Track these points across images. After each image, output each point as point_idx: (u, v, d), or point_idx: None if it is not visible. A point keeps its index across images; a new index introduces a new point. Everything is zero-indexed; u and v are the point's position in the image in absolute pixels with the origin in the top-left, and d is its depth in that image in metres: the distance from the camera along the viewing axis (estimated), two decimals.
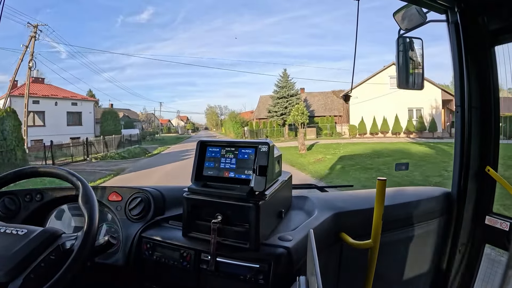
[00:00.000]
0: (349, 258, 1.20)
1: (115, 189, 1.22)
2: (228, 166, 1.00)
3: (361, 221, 1.19)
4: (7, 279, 0.73)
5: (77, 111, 20.97)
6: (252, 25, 45.18)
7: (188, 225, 1.01)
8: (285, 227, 1.06)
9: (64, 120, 19.91)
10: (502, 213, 1.33)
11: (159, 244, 1.05)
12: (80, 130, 19.96)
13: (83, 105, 21.42)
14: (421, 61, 1.27)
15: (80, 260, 0.80)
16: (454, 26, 1.29)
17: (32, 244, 0.80)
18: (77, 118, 20.98)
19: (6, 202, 1.18)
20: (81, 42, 34.26)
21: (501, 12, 1.17)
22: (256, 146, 0.97)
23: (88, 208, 0.88)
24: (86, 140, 15.89)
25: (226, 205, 0.94)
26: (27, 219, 1.19)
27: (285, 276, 0.89)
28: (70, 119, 20.48)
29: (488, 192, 1.35)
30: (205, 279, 0.98)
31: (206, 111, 49.93)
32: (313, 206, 1.23)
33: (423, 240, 1.39)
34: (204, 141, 1.05)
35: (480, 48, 1.27)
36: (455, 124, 1.37)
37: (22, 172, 1.01)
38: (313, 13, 42.91)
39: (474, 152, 1.33)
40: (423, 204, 1.37)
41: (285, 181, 1.12)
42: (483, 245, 1.38)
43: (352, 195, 1.55)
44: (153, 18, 40.93)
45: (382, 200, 1.06)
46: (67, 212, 1.27)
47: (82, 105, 21.36)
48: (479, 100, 1.30)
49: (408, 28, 1.29)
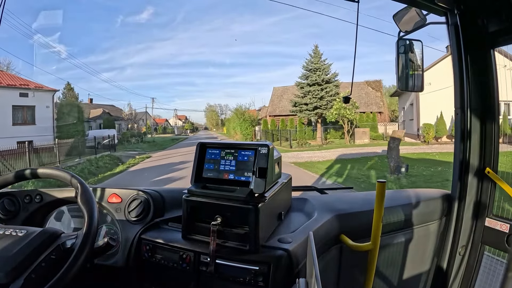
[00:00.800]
0: (349, 260, 1.20)
1: (114, 191, 1.22)
2: (228, 168, 1.00)
3: (361, 223, 1.19)
4: (7, 280, 0.73)
5: (28, 105, 14.55)
6: (252, 25, 45.15)
7: (187, 227, 1.01)
8: (284, 229, 1.06)
9: (9, 118, 13.79)
10: (502, 215, 1.33)
11: (158, 246, 1.05)
12: (32, 131, 13.87)
13: (37, 97, 14.72)
14: (421, 64, 1.27)
15: (81, 258, 0.80)
16: (454, 28, 1.29)
17: (32, 244, 0.80)
18: (28, 115, 14.64)
19: (6, 203, 1.19)
20: (81, 42, 33.73)
21: (501, 14, 1.17)
22: (256, 148, 0.97)
23: (88, 207, 0.89)
24: (29, 146, 11.59)
25: (226, 207, 0.94)
26: (26, 220, 1.19)
27: (284, 278, 0.89)
28: (17, 116, 14.28)
29: (488, 194, 1.35)
30: (205, 281, 0.97)
31: (206, 110, 46.28)
32: (313, 208, 1.23)
33: (423, 242, 1.39)
34: (203, 143, 1.06)
35: (480, 50, 1.27)
36: (455, 126, 1.37)
37: (22, 173, 1.01)
38: (313, 13, 42.98)
39: (474, 154, 1.33)
40: (423, 206, 1.37)
41: (284, 183, 1.12)
42: (483, 247, 1.38)
43: (352, 197, 1.55)
44: (152, 18, 40.96)
45: (382, 202, 1.06)
46: (66, 213, 1.27)
47: (36, 97, 14.68)
48: (479, 102, 1.30)
49: (408, 30, 1.29)
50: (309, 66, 17.84)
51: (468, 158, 1.33)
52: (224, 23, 47.07)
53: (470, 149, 1.32)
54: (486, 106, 1.30)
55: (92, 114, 23.95)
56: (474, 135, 1.32)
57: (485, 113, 1.30)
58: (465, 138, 1.33)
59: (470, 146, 1.32)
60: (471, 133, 1.31)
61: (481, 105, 1.30)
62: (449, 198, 1.42)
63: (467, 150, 1.33)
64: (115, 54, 43.08)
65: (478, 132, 1.32)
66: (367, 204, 1.25)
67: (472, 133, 1.31)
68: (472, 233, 1.40)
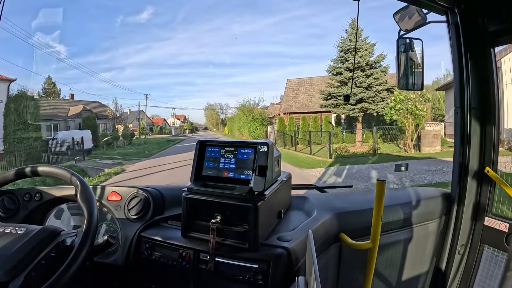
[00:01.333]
0: (348, 258, 1.20)
1: (114, 189, 1.22)
2: (228, 166, 1.00)
3: (360, 221, 1.19)
4: (7, 278, 0.73)
5: None
6: (252, 25, 45.08)
7: (187, 225, 1.01)
8: (284, 227, 1.06)
9: None
10: (501, 214, 1.33)
11: (158, 244, 1.05)
12: None
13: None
14: (421, 62, 1.27)
15: (81, 256, 0.80)
16: (454, 27, 1.29)
17: (31, 242, 0.80)
18: None
19: (5, 201, 1.18)
20: (81, 42, 33.47)
21: (501, 13, 1.17)
22: (256, 146, 0.97)
23: (87, 205, 0.89)
24: None
25: (225, 205, 0.94)
26: (26, 219, 1.19)
27: (284, 276, 0.89)
28: None
29: (487, 193, 1.35)
30: (204, 279, 0.98)
31: (206, 109, 43.70)
32: (313, 206, 1.23)
33: (422, 241, 1.39)
34: (203, 141, 1.06)
35: (480, 49, 1.27)
36: (455, 125, 1.38)
37: (22, 171, 1.01)
38: (313, 13, 42.85)
39: (474, 153, 1.33)
40: (422, 205, 1.37)
41: (284, 181, 1.12)
42: (482, 246, 1.38)
43: (352, 196, 1.55)
44: (152, 18, 40.87)
45: (382, 201, 1.06)
46: (66, 211, 1.27)
47: None
48: (479, 101, 1.30)
49: (408, 29, 1.29)
50: (345, 46, 13.18)
51: (468, 157, 1.33)
52: (224, 23, 47.04)
53: (470, 148, 1.32)
54: (486, 105, 1.30)
55: (71, 111, 19.55)
56: (474, 134, 1.32)
57: (485, 112, 1.30)
58: (465, 137, 1.33)
59: (470, 145, 1.32)
60: (471, 132, 1.31)
61: (481, 104, 1.30)
62: (448, 197, 1.42)
63: (467, 149, 1.33)
64: (114, 54, 43.01)
65: (478, 131, 1.32)
66: (366, 203, 1.25)
67: (472, 132, 1.31)
68: (471, 232, 1.40)
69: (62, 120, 18.06)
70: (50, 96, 20.92)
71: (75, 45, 35.12)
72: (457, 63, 1.31)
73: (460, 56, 1.30)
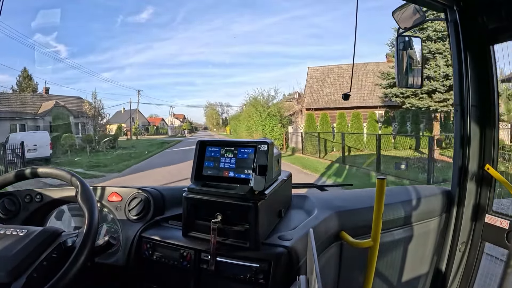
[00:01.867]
0: (349, 257, 1.20)
1: (115, 190, 1.22)
2: (228, 166, 1.00)
3: (361, 220, 1.19)
4: (9, 280, 0.73)
5: None
6: (252, 25, 45.04)
7: (188, 225, 1.01)
8: (285, 226, 1.06)
9: None
10: (502, 212, 1.33)
11: (159, 244, 1.05)
12: None
13: None
14: (420, 60, 1.27)
15: (82, 256, 0.80)
16: (453, 25, 1.29)
17: (33, 243, 0.80)
18: None
19: (6, 203, 1.18)
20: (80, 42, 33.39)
21: (500, 11, 1.17)
22: (256, 146, 0.97)
23: (88, 206, 0.89)
24: None
25: (226, 204, 0.94)
26: (27, 220, 1.19)
27: (285, 275, 0.89)
28: None
29: (488, 190, 1.35)
30: (205, 279, 0.98)
31: (206, 107, 40.64)
32: (313, 205, 1.23)
33: (423, 239, 1.39)
34: (203, 140, 1.06)
35: (479, 46, 1.27)
36: (455, 122, 1.38)
37: (22, 173, 1.01)
38: (313, 13, 42.85)
39: (474, 150, 1.33)
40: (423, 202, 1.37)
41: (284, 180, 1.12)
42: (483, 243, 1.38)
43: (352, 194, 1.55)
44: (152, 18, 40.84)
45: (382, 199, 1.06)
46: (67, 213, 1.27)
47: None
48: (479, 98, 1.30)
49: (407, 27, 1.29)
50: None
51: (468, 154, 1.33)
52: (224, 23, 46.94)
53: (470, 145, 1.32)
54: (485, 103, 1.30)
55: (42, 108, 16.14)
56: (474, 131, 1.32)
57: (485, 109, 1.30)
58: (465, 135, 1.33)
59: (470, 142, 1.32)
60: (471, 130, 1.31)
61: (481, 101, 1.30)
62: (449, 194, 1.42)
63: (467, 146, 1.33)
64: (114, 54, 42.90)
65: (477, 128, 1.32)
66: (367, 201, 1.25)
67: (472, 129, 1.31)
68: (472, 229, 1.40)
69: (29, 118, 14.98)
70: (25, 91, 17.60)
71: (75, 45, 35.09)
72: (456, 61, 1.31)
73: (459, 54, 1.30)
